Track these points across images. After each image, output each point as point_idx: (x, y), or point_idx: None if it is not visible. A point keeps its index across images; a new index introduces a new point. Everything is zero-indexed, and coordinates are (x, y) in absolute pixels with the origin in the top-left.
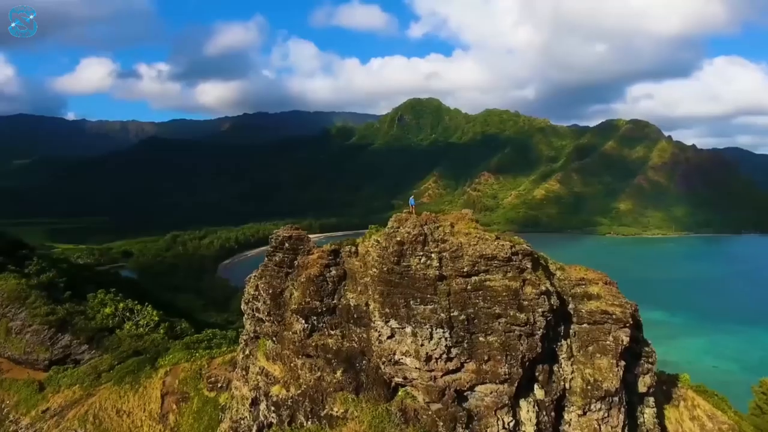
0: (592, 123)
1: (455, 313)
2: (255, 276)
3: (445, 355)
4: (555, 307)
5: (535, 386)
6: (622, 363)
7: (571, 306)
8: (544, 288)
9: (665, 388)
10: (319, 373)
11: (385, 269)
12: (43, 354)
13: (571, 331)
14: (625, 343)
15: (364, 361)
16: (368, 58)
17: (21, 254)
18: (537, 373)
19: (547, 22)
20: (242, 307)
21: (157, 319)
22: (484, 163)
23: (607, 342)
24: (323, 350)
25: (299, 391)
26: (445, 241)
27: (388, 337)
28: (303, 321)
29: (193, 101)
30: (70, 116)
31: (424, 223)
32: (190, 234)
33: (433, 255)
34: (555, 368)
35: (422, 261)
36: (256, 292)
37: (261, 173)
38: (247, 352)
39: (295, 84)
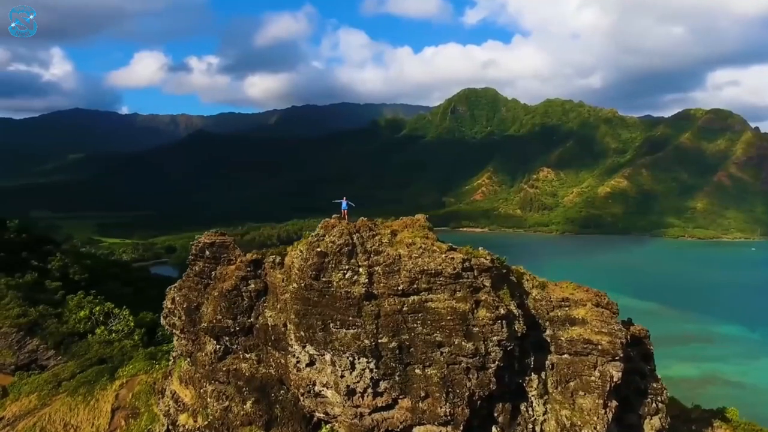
0: (667, 113)
1: (384, 340)
2: (175, 287)
3: (371, 390)
4: (520, 334)
5: (494, 429)
6: (613, 403)
7: (548, 332)
8: (503, 311)
9: (695, 429)
10: (227, 403)
11: (302, 285)
12: (10, 358)
13: (547, 362)
14: (615, 379)
15: (281, 391)
16: (421, 47)
17: (45, 249)
18: (496, 414)
19: (616, 3)
20: (161, 321)
21: (132, 324)
22: (543, 158)
23: (592, 378)
24: (235, 376)
25: (206, 423)
26: (378, 253)
27: (307, 365)
28: (214, 341)
29: (241, 94)
30: (124, 110)
31: (355, 230)
32: (232, 230)
33: (361, 269)
34: (522, 408)
35: (347, 276)
36: (173, 306)
37: (307, 167)
38: (168, 371)
39: (344, 75)
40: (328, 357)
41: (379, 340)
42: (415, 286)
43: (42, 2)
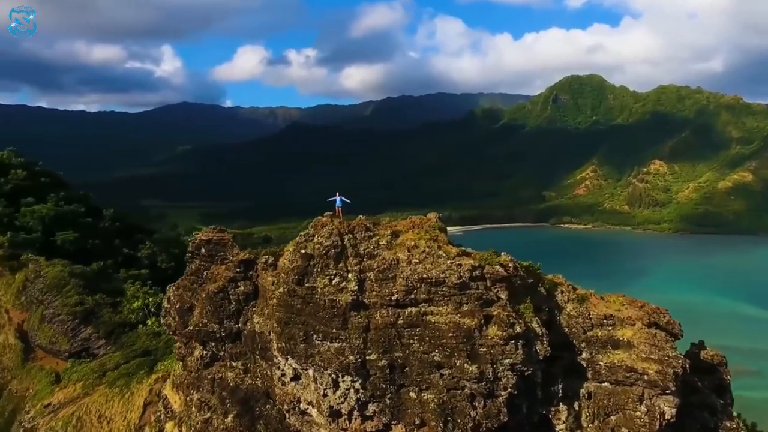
0: None
1: (372, 357)
2: (173, 286)
3: (357, 412)
4: (542, 357)
5: None
6: None
7: (585, 355)
8: (519, 330)
9: None
10: (208, 414)
11: (285, 290)
12: (65, 345)
13: (582, 391)
14: (668, 417)
15: (267, 406)
16: (521, 34)
17: (137, 238)
18: None
19: None
20: (161, 321)
21: None
22: (654, 149)
23: (637, 413)
24: (219, 385)
25: None
26: (373, 257)
27: (292, 379)
28: (201, 347)
29: (338, 86)
30: (227, 103)
31: (347, 231)
32: None
33: (350, 275)
34: None
35: (333, 282)
36: (168, 306)
37: (401, 159)
38: (166, 374)
39: (440, 64)
40: (311, 372)
41: (367, 357)
42: (412, 296)
43: (154, 3)
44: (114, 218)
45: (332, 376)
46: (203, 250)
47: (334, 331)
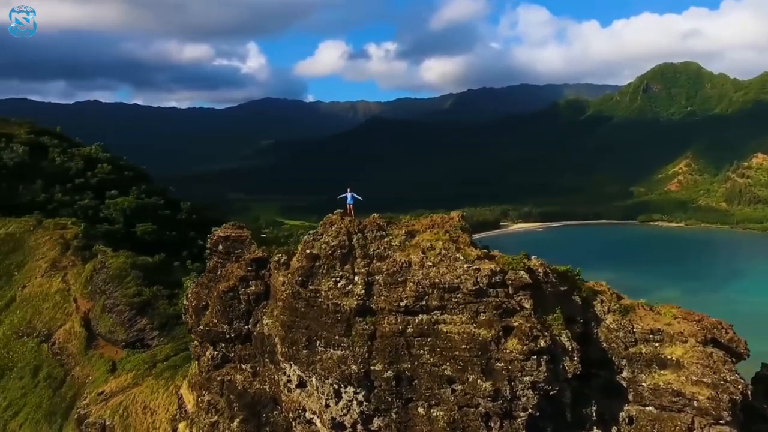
0: None
1: (378, 367)
2: (194, 283)
3: (361, 426)
4: (571, 375)
5: None
6: None
7: (626, 374)
8: (543, 344)
9: None
10: (215, 417)
11: (290, 292)
12: (122, 335)
13: (622, 414)
14: None
15: (275, 412)
16: (609, 20)
17: (212, 230)
18: None
19: None
20: (183, 317)
21: None
22: (757, 141)
23: None
24: (228, 388)
25: None
26: (382, 259)
27: (297, 386)
28: (211, 347)
29: (417, 79)
30: (309, 98)
31: (357, 230)
32: (403, 216)
33: (356, 278)
34: None
35: (339, 285)
36: (187, 303)
37: (481, 153)
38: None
39: (523, 55)
40: (314, 380)
41: (372, 367)
42: (423, 302)
43: (240, 1)
44: (191, 211)
45: (334, 385)
46: (220, 247)
47: (336, 337)
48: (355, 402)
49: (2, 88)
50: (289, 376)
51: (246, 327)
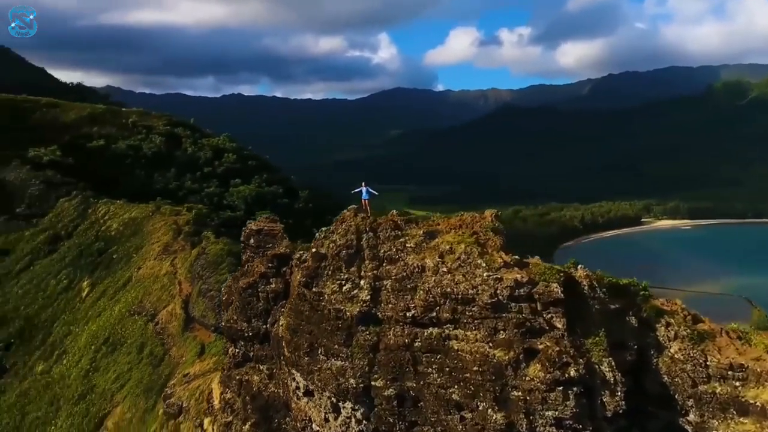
0: None
1: (378, 383)
2: (231, 277)
3: None
4: (611, 414)
5: None
6: None
7: (692, 417)
8: (575, 373)
9: None
10: (230, 418)
11: (296, 293)
12: (212, 320)
13: None
14: None
15: (287, 418)
16: None
17: (327, 219)
18: None
19: None
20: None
21: None
22: None
23: None
24: (245, 388)
25: None
26: (393, 261)
27: (305, 394)
28: (232, 345)
29: (553, 64)
30: (438, 87)
31: (368, 229)
32: (532, 209)
33: (362, 282)
34: None
35: (343, 289)
36: (224, 297)
37: (622, 142)
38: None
39: (673, 34)
40: (315, 391)
41: (372, 383)
42: (433, 314)
43: None
44: (308, 200)
45: (332, 399)
46: (252, 241)
47: (336, 346)
48: (353, 419)
49: (162, 84)
50: (297, 382)
51: (264, 326)
